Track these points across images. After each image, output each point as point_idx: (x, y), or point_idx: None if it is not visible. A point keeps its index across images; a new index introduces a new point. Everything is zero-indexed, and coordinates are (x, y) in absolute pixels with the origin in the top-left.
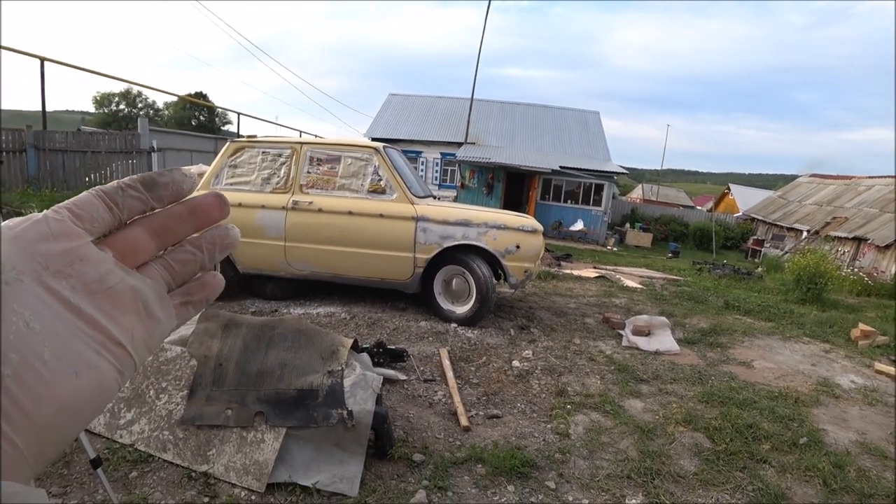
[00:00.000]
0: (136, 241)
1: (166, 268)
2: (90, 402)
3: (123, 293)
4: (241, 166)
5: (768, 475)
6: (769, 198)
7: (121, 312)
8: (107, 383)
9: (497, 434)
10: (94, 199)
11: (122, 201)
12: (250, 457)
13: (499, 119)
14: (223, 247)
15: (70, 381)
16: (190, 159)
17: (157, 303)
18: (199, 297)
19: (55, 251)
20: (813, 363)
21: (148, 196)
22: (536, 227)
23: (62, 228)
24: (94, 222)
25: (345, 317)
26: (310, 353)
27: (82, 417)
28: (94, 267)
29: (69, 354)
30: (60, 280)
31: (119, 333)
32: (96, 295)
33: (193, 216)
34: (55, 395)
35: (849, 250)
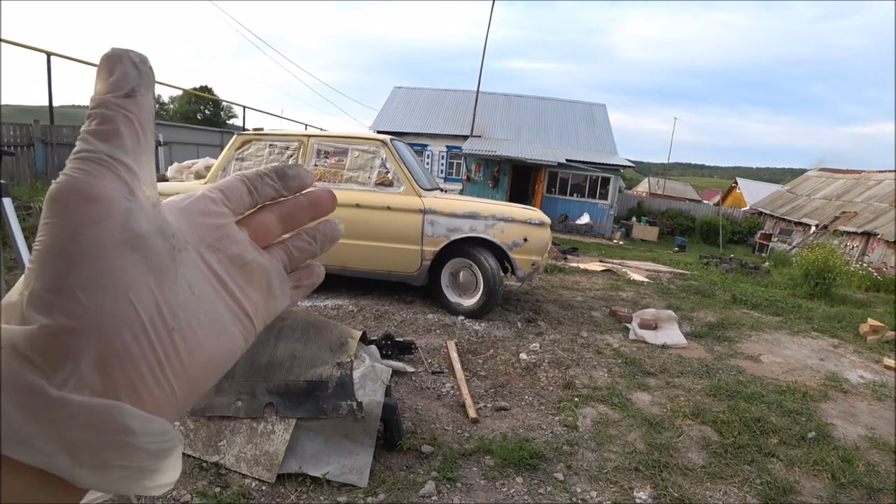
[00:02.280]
0: (267, 224)
1: (287, 252)
2: (224, 361)
3: (255, 270)
4: (249, 159)
5: (776, 469)
6: (777, 192)
7: (251, 288)
8: (235, 348)
9: (505, 426)
10: (239, 184)
11: (260, 187)
12: (261, 447)
13: (505, 112)
14: (332, 239)
15: (214, 341)
16: (196, 153)
17: (277, 282)
18: (307, 283)
19: (210, 226)
20: (821, 358)
21: (280, 185)
22: (544, 219)
23: (216, 208)
24: (238, 203)
25: (352, 309)
26: (319, 344)
27: (217, 374)
28: (235, 244)
29: (215, 318)
30: (212, 253)
31: (248, 306)
32: (235, 270)
33: (312, 207)
34: (204, 351)
35: (858, 245)
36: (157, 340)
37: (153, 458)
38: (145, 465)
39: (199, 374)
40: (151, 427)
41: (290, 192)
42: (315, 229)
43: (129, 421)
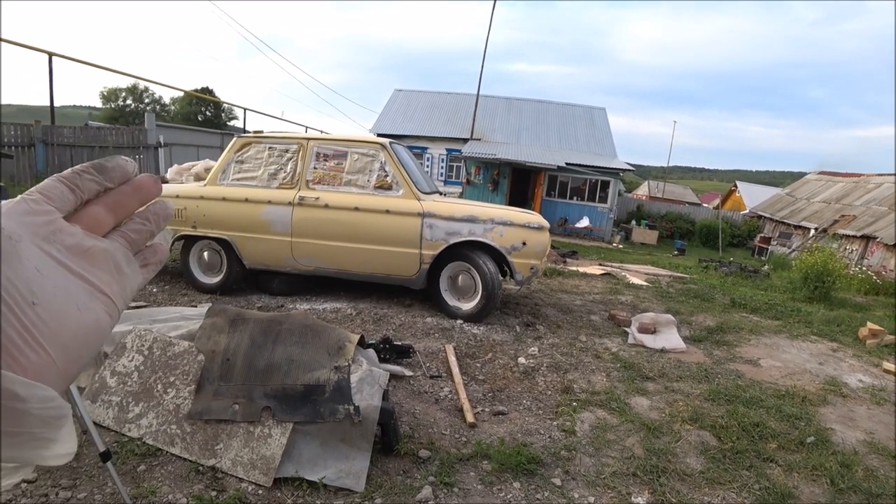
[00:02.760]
0: (96, 216)
1: (124, 237)
2: (93, 332)
3: (97, 254)
4: (248, 161)
5: (775, 474)
6: (777, 195)
7: (99, 269)
8: (102, 321)
9: (503, 431)
10: (58, 183)
11: (81, 183)
12: (257, 451)
13: (505, 115)
14: (164, 216)
15: (76, 313)
16: (196, 154)
17: (124, 261)
18: (154, 260)
19: (38, 222)
20: (820, 362)
21: (101, 178)
22: (543, 223)
23: (39, 207)
24: (61, 201)
25: (351, 312)
26: (316, 348)
27: (90, 344)
28: (70, 236)
29: (71, 296)
30: (48, 244)
31: (101, 285)
32: (77, 256)
33: (137, 192)
34: (69, 322)
35: (857, 248)
36: (20, 311)
37: (45, 425)
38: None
39: (72, 343)
40: (36, 392)
41: (114, 184)
42: (146, 211)
43: (13, 386)
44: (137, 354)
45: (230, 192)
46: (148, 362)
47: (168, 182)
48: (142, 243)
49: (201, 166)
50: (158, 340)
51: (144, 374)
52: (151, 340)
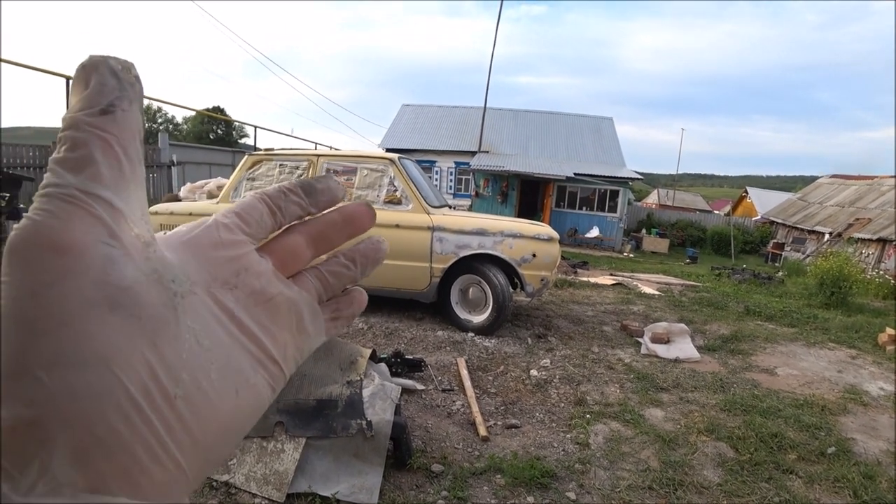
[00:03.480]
0: (295, 249)
1: (321, 279)
2: (247, 419)
3: (281, 306)
4: (260, 179)
5: (795, 486)
6: (789, 200)
7: (277, 327)
8: (261, 400)
9: (516, 444)
10: (259, 204)
11: (284, 206)
12: (270, 467)
13: (512, 127)
14: (374, 261)
15: (232, 400)
16: (209, 172)
17: (309, 317)
18: (347, 313)
19: (224, 259)
20: (839, 370)
21: (307, 201)
22: (552, 235)
23: (231, 236)
24: (258, 227)
25: (362, 326)
26: (328, 363)
27: (239, 435)
28: (257, 277)
29: (232, 372)
30: (227, 292)
31: (274, 349)
32: (257, 308)
33: (348, 225)
34: (219, 415)
35: (873, 252)
36: (154, 415)
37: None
38: None
39: (214, 442)
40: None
41: (319, 209)
42: (354, 250)
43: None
44: None
45: None
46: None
47: (181, 200)
48: (338, 289)
49: (214, 184)
50: None
51: None
52: None
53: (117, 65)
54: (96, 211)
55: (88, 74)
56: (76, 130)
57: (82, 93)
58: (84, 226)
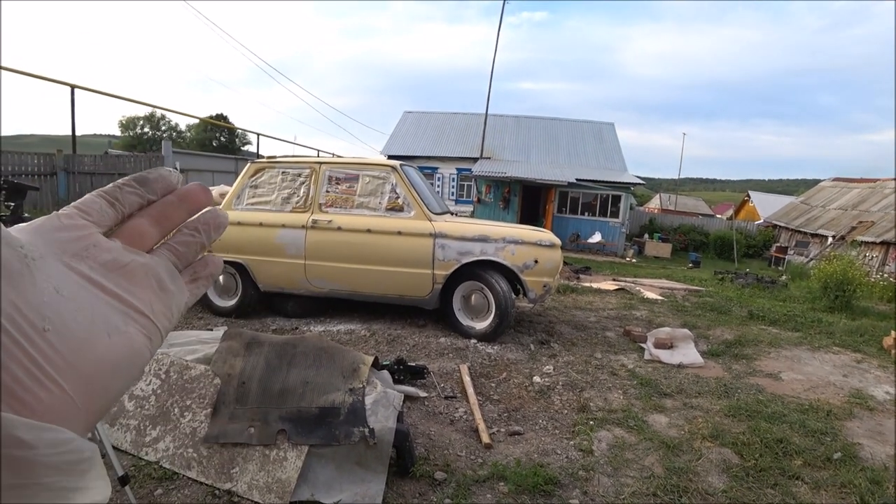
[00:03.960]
0: (139, 229)
1: (171, 250)
2: (126, 361)
3: (137, 270)
4: (262, 186)
5: (801, 492)
6: (791, 203)
7: (138, 288)
8: (138, 347)
9: (519, 451)
10: (97, 198)
11: (121, 196)
12: (273, 475)
13: (514, 133)
14: (216, 226)
15: (103, 340)
16: (212, 179)
17: (168, 277)
18: (205, 274)
19: (69, 238)
20: (844, 374)
21: (143, 190)
22: (554, 241)
23: (73, 222)
24: (100, 215)
25: (364, 334)
26: (331, 370)
27: (121, 374)
28: (107, 251)
29: (99, 319)
30: (80, 261)
31: (140, 304)
32: (113, 273)
33: (184, 202)
34: (92, 349)
35: (877, 255)
36: (25, 341)
37: (61, 473)
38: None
39: (95, 372)
40: (45, 436)
41: (156, 195)
42: (195, 220)
43: (15, 430)
44: (155, 378)
45: (245, 217)
46: (165, 386)
47: None
48: (192, 256)
49: (217, 192)
50: (175, 364)
51: (161, 398)
52: (168, 364)
53: None
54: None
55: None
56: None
57: None
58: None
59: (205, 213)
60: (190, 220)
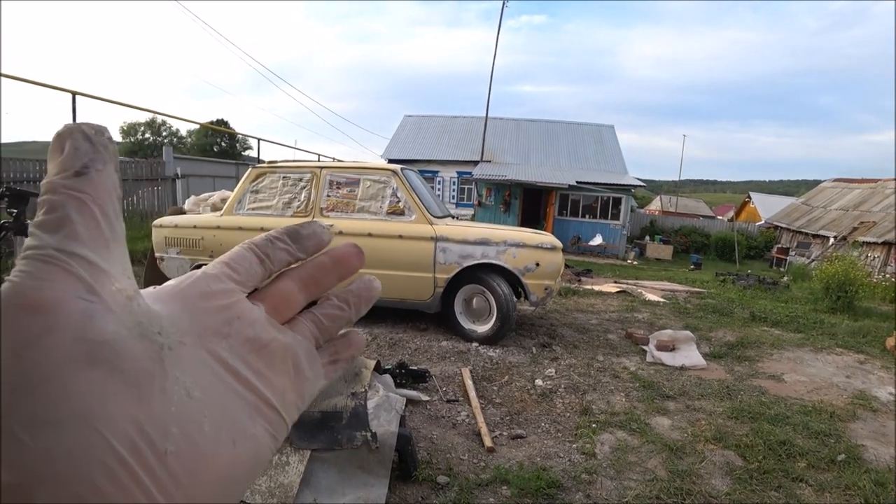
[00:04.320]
0: (286, 294)
1: (315, 323)
2: (246, 471)
3: (276, 352)
4: (263, 191)
5: (805, 494)
6: (792, 204)
7: (273, 373)
8: (262, 451)
9: (522, 454)
10: (247, 253)
11: (272, 253)
12: (275, 479)
13: (514, 136)
14: (368, 300)
15: (228, 452)
16: (213, 185)
17: (306, 361)
18: (346, 355)
19: (215, 309)
20: (847, 375)
21: (295, 248)
22: (555, 244)
23: (221, 287)
24: (248, 275)
25: (366, 337)
26: None
27: (238, 489)
28: (250, 325)
29: (227, 423)
30: (220, 341)
31: (272, 396)
32: (251, 355)
33: (337, 267)
34: (214, 468)
35: (879, 255)
36: (143, 472)
37: None
38: None
39: (210, 495)
40: None
41: (306, 254)
42: (346, 291)
43: None
44: None
45: (246, 222)
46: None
47: (185, 213)
48: (335, 332)
49: (218, 197)
50: None
51: None
52: None
53: (90, 130)
54: (73, 269)
55: (63, 141)
56: (53, 194)
57: (58, 159)
58: (61, 283)
59: (359, 283)
60: (340, 290)
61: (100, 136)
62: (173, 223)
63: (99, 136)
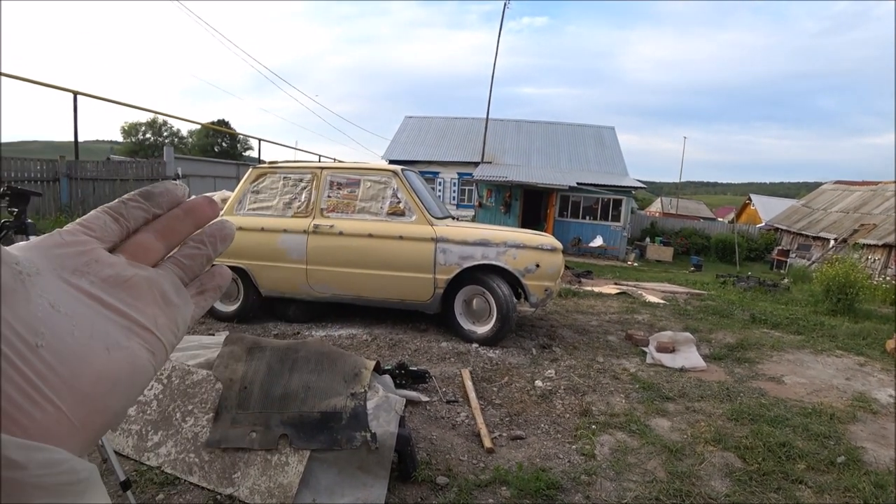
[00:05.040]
0: (144, 243)
1: (176, 264)
2: (127, 377)
3: (140, 284)
4: (264, 192)
5: (805, 496)
6: (793, 207)
7: (141, 302)
8: (140, 362)
9: (521, 455)
10: (101, 214)
11: (126, 211)
12: (275, 479)
13: (515, 137)
14: (223, 237)
15: (102, 355)
16: (214, 185)
17: (172, 291)
18: (211, 286)
19: (70, 253)
20: (847, 377)
21: (148, 204)
22: (556, 245)
23: (74, 238)
24: (103, 231)
25: (366, 338)
26: (333, 375)
27: (121, 390)
28: (109, 266)
29: (98, 334)
30: (79, 277)
31: (143, 319)
32: (115, 287)
33: (190, 215)
34: (89, 365)
35: (879, 258)
36: (18, 359)
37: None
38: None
39: (92, 390)
40: (37, 455)
41: (161, 210)
42: (201, 232)
43: (6, 451)
44: (157, 383)
45: (246, 222)
46: (167, 391)
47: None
48: (198, 269)
49: (218, 197)
50: (177, 369)
51: (163, 403)
52: (170, 369)
53: None
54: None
55: None
56: None
57: None
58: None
59: (211, 225)
60: (196, 233)
61: None
62: None
63: None
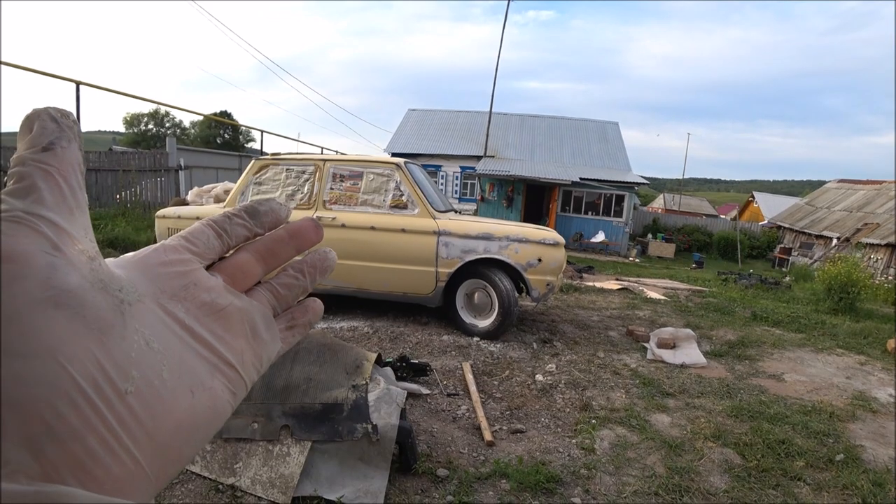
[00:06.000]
0: (243, 265)
1: (272, 292)
2: (205, 422)
3: (233, 315)
4: (266, 183)
5: (803, 493)
6: (796, 205)
7: (231, 335)
8: (220, 404)
9: (521, 449)
10: (206, 228)
11: (230, 228)
12: (276, 470)
13: (518, 132)
14: (322, 270)
15: (187, 400)
16: (216, 176)
17: (263, 325)
18: (303, 321)
19: (171, 274)
20: (847, 376)
21: (252, 223)
22: (558, 239)
23: (178, 256)
24: (206, 248)
25: (367, 331)
26: (334, 367)
27: (198, 438)
28: (206, 291)
29: (185, 374)
30: (176, 303)
31: (230, 355)
32: (208, 318)
33: (294, 239)
34: (173, 413)
35: (882, 257)
36: (104, 406)
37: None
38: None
39: (171, 440)
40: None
41: (264, 229)
42: (302, 262)
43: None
44: None
45: None
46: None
47: (188, 204)
48: (292, 301)
49: (221, 188)
50: None
51: None
52: None
53: (56, 113)
54: (40, 228)
55: (32, 122)
56: (22, 166)
57: (27, 137)
58: (29, 239)
59: (313, 255)
60: (296, 261)
61: (65, 118)
62: (176, 214)
63: (64, 118)
